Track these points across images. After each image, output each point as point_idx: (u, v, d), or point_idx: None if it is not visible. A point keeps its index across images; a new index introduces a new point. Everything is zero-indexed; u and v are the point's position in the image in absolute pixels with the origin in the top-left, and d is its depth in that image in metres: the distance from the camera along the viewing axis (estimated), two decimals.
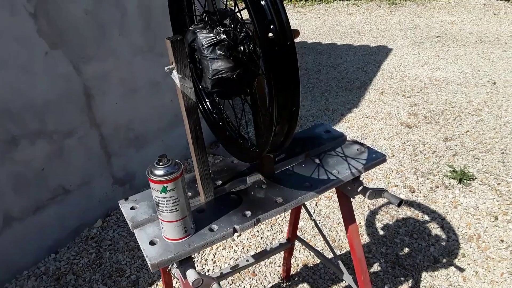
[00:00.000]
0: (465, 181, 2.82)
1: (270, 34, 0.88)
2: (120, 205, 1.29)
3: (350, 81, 4.82)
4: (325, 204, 2.77)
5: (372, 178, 2.98)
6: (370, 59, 5.44)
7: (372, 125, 3.75)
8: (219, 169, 1.41)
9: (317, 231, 2.34)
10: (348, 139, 1.51)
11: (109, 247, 2.58)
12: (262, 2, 0.87)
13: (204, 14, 1.09)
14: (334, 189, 1.35)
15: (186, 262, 1.12)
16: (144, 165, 3.25)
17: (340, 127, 3.77)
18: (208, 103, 1.38)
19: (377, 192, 1.34)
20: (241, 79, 1.05)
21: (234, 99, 1.20)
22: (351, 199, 1.45)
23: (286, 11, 0.88)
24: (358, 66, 5.24)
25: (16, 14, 2.17)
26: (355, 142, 1.49)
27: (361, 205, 2.72)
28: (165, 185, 1.02)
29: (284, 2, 8.82)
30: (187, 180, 1.37)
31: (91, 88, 2.64)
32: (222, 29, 1.04)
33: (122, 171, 2.99)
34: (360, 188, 1.36)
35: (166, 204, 1.05)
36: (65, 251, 2.58)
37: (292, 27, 0.90)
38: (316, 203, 2.80)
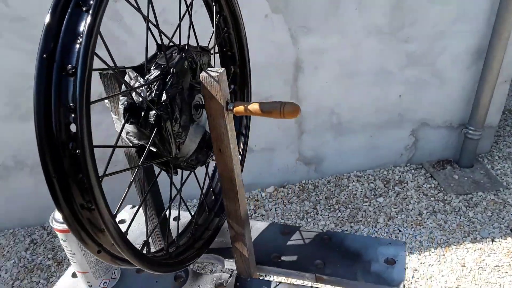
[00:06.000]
0: None
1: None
2: None
3: None
4: None
5: None
6: None
7: None
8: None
9: None
10: None
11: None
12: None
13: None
14: None
15: None
16: (339, 154, 2.94)
17: None
18: None
19: None
20: None
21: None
22: None
23: None
24: None
25: None
26: None
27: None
28: (58, 233, 0.90)
29: None
30: None
31: (303, 61, 2.49)
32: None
33: (311, 151, 2.83)
34: None
35: (66, 251, 0.93)
36: None
37: None
38: None
